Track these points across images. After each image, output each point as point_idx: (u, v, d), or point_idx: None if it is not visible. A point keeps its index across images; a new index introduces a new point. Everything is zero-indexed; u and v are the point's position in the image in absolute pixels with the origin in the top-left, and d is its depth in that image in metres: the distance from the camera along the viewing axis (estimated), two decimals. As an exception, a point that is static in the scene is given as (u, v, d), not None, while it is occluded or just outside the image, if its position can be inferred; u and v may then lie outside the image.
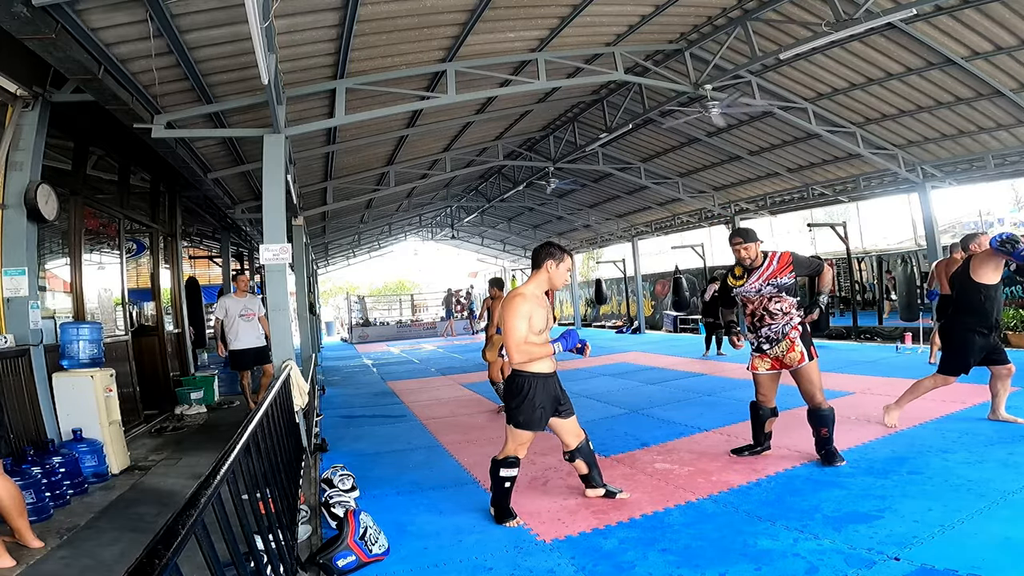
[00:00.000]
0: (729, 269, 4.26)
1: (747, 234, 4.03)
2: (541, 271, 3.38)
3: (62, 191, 5.19)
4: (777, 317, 3.97)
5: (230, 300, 6.91)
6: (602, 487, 3.66)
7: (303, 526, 3.32)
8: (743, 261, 4.02)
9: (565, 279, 3.44)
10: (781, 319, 3.97)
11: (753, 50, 6.61)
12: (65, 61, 3.64)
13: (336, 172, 10.03)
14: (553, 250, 3.37)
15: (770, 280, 3.96)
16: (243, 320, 6.75)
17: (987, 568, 2.42)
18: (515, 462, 3.36)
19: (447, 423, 6.32)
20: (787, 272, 3.93)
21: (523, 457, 3.41)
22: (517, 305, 3.22)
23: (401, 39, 5.53)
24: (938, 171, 9.57)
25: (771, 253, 4.02)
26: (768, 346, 4.03)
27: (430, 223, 22.05)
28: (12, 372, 4.19)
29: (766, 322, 4.01)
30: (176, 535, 1.22)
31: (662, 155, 12.22)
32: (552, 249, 3.38)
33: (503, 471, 3.34)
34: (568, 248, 3.67)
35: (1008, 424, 4.51)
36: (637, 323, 17.52)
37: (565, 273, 3.41)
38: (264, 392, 6.30)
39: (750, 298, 4.07)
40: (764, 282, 3.97)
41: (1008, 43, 6.47)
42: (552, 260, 3.35)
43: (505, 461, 3.35)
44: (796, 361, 3.94)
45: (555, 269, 3.36)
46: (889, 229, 16.96)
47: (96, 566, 3.00)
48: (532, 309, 3.22)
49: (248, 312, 6.82)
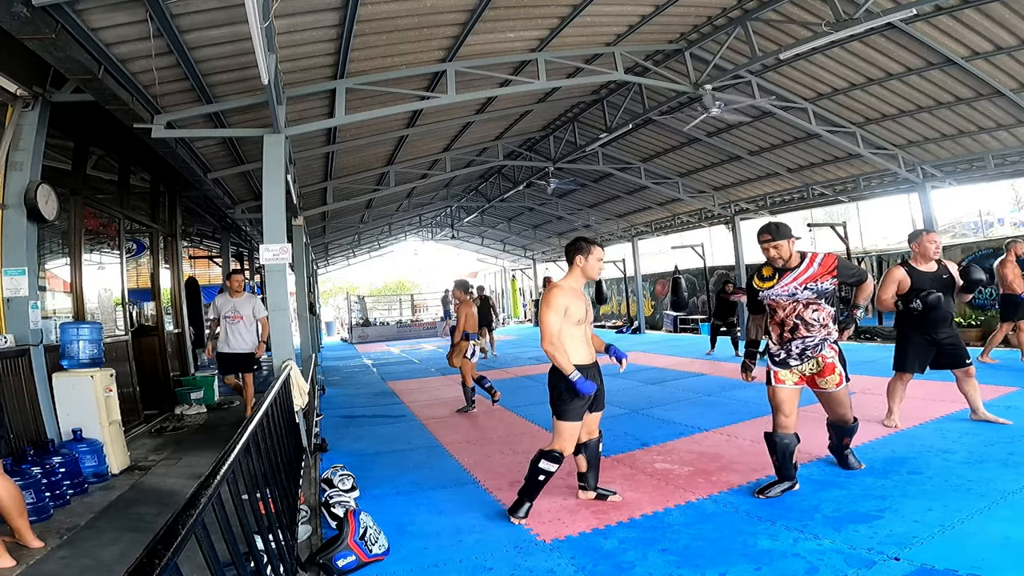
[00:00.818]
0: (756, 269, 3.72)
1: (778, 230, 3.46)
2: (574, 267, 3.51)
3: (62, 191, 5.19)
4: (813, 329, 3.44)
5: (220, 299, 6.59)
6: (594, 491, 3.64)
7: (303, 526, 3.32)
8: (774, 261, 3.50)
9: (598, 268, 3.53)
10: (818, 331, 3.45)
11: (753, 50, 6.61)
12: (65, 61, 3.64)
13: (336, 172, 10.03)
14: (580, 244, 3.50)
15: (808, 283, 3.41)
16: (228, 322, 6.37)
17: (987, 568, 2.42)
18: (559, 457, 3.35)
19: (447, 423, 6.32)
20: (830, 276, 3.42)
21: (568, 454, 3.40)
22: (553, 297, 3.36)
23: (401, 39, 5.53)
24: (938, 171, 9.57)
25: (811, 253, 3.52)
26: (797, 361, 3.50)
27: (430, 223, 22.05)
28: (12, 372, 4.19)
29: (799, 333, 3.46)
30: (176, 535, 1.22)
31: (662, 155, 12.22)
32: (580, 243, 3.51)
33: (543, 463, 3.34)
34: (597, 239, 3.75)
35: (1008, 424, 4.51)
36: (637, 323, 17.53)
37: (596, 263, 3.50)
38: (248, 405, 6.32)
39: (781, 303, 3.52)
40: (801, 285, 3.43)
41: (1008, 43, 6.47)
42: (580, 254, 3.48)
43: (550, 454, 3.35)
44: (834, 384, 3.53)
45: (585, 262, 3.48)
46: (889, 229, 16.94)
47: (96, 566, 3.00)
48: (568, 301, 3.36)
49: (235, 315, 6.39)
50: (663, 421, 5.69)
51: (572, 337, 3.39)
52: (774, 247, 3.45)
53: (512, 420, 6.27)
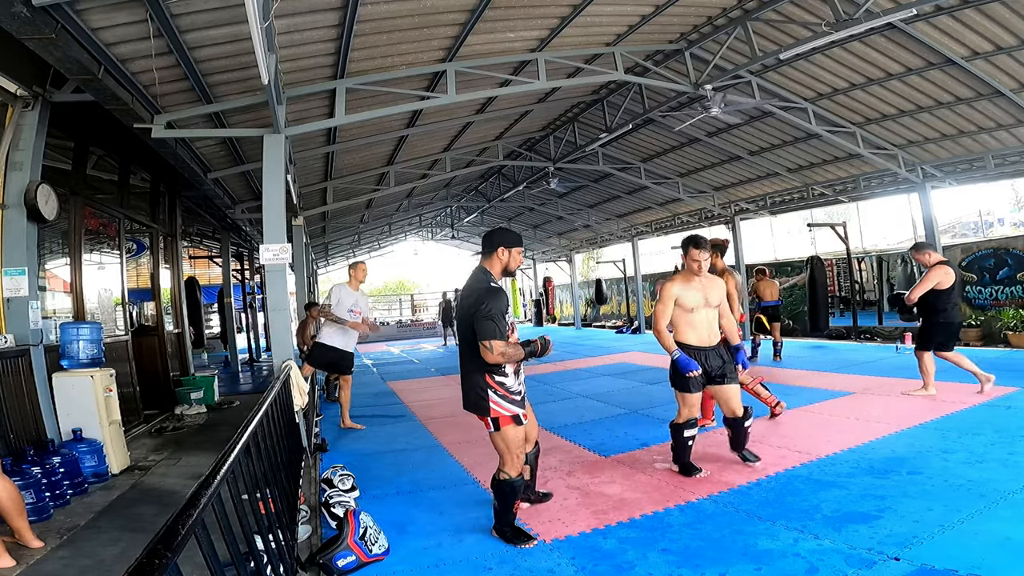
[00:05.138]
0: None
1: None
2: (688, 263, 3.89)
3: (62, 191, 5.19)
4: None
5: (344, 291, 6.08)
6: (741, 454, 4.08)
7: (303, 526, 3.32)
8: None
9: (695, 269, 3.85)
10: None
11: (753, 50, 6.60)
12: (65, 61, 3.64)
13: (336, 172, 10.03)
14: (682, 245, 3.89)
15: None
16: (352, 316, 6.02)
17: (987, 568, 2.42)
18: (694, 423, 3.92)
19: (447, 423, 6.32)
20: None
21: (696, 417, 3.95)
22: (663, 291, 3.91)
23: (401, 39, 5.53)
24: (938, 171, 9.57)
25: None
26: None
27: (430, 223, 22.04)
28: (12, 372, 4.19)
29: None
30: (176, 535, 1.22)
31: (662, 155, 12.22)
32: (684, 242, 3.88)
33: (686, 432, 3.88)
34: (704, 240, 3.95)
35: (1008, 424, 4.51)
36: (637, 323, 17.51)
37: (692, 263, 3.84)
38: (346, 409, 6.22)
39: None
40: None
41: (1008, 43, 6.46)
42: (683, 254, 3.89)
43: (686, 424, 3.89)
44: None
45: (685, 259, 3.88)
46: (889, 229, 16.94)
47: (96, 566, 3.00)
48: (680, 292, 3.87)
49: (357, 310, 6.07)
50: (663, 421, 5.66)
51: (686, 323, 3.89)
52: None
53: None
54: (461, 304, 3.12)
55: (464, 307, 3.03)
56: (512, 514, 3.11)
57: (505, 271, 3.17)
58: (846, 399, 5.92)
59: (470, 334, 2.97)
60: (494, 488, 3.10)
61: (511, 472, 3.05)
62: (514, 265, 3.17)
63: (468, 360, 3.06)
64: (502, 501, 3.08)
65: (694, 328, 3.89)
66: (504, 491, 3.05)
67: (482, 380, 2.99)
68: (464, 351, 3.09)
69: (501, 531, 3.12)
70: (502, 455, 3.08)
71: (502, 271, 3.17)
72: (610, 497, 3.67)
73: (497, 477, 3.08)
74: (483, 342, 2.85)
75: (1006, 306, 9.57)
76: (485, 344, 2.84)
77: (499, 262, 3.14)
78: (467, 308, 2.98)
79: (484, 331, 2.83)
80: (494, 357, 2.84)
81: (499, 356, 2.85)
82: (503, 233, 3.19)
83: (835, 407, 5.60)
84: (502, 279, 3.23)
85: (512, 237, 3.18)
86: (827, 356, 9.19)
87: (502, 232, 3.19)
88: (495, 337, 2.84)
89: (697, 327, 3.89)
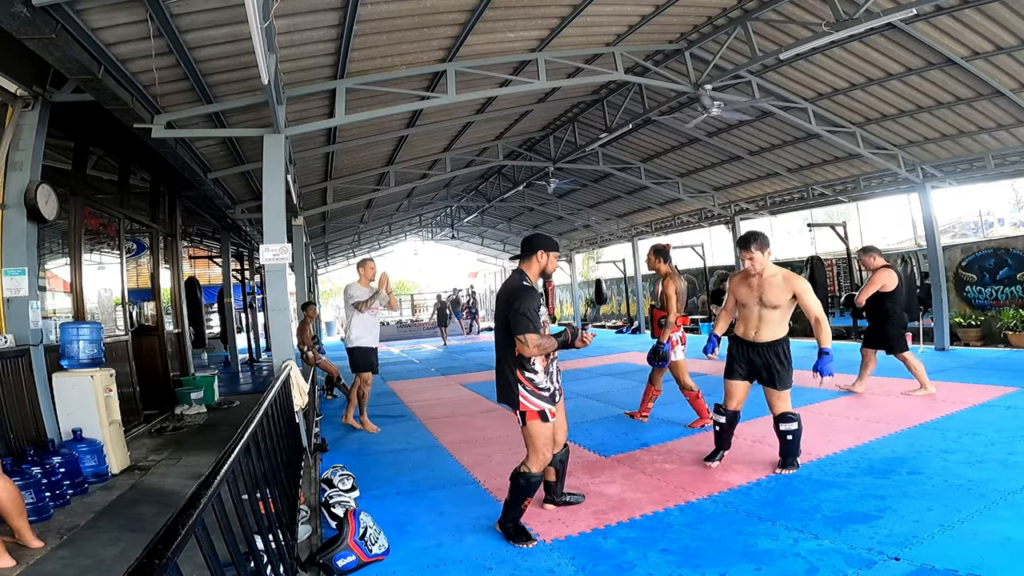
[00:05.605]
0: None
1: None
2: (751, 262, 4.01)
3: (62, 191, 5.19)
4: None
5: (359, 289, 6.05)
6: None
7: (303, 526, 3.32)
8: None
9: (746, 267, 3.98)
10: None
11: (753, 50, 6.60)
12: (65, 61, 3.64)
13: (336, 172, 10.03)
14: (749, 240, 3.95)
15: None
16: (370, 314, 6.03)
17: (987, 568, 2.42)
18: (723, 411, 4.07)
19: (447, 423, 6.32)
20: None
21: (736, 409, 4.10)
22: (730, 282, 4.26)
23: (401, 39, 5.53)
24: (938, 171, 9.56)
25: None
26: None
27: (430, 223, 22.04)
28: (12, 372, 4.19)
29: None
30: (176, 535, 1.22)
31: (662, 155, 12.21)
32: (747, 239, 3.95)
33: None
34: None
35: (1008, 424, 4.51)
36: (637, 323, 17.51)
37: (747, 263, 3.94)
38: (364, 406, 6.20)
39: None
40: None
41: (1008, 43, 6.46)
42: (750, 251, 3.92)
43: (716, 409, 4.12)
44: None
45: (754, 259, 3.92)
46: (889, 229, 16.94)
47: (96, 566, 3.00)
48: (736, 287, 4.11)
49: (375, 305, 6.06)
50: (663, 421, 5.69)
51: (740, 316, 4.11)
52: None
53: (512, 420, 6.25)
54: (497, 304, 3.27)
55: (500, 306, 3.18)
56: (520, 510, 3.15)
57: (542, 273, 3.34)
58: (846, 399, 5.92)
59: (504, 331, 3.12)
60: (511, 480, 3.16)
61: (533, 467, 3.12)
62: (551, 268, 3.35)
63: (502, 355, 3.20)
64: (514, 494, 3.13)
65: (743, 321, 4.08)
66: (519, 483, 3.10)
67: (513, 375, 3.12)
68: (498, 346, 3.23)
69: (504, 525, 3.17)
70: (527, 449, 3.18)
71: (539, 273, 3.33)
72: (610, 497, 3.67)
73: (517, 469, 3.15)
74: (518, 336, 2.99)
75: (1006, 306, 9.58)
76: (520, 338, 2.98)
77: (537, 265, 3.30)
78: (503, 307, 3.12)
79: (519, 326, 2.99)
80: (530, 350, 2.99)
81: (534, 348, 2.99)
82: (543, 238, 3.36)
83: (835, 407, 5.61)
84: (538, 281, 3.37)
85: (551, 242, 3.36)
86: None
87: (542, 237, 3.37)
88: (529, 331, 2.98)
89: (746, 321, 4.05)
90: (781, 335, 3.94)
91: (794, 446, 3.89)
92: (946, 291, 9.62)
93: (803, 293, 3.82)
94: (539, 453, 3.12)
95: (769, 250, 3.89)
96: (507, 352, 3.13)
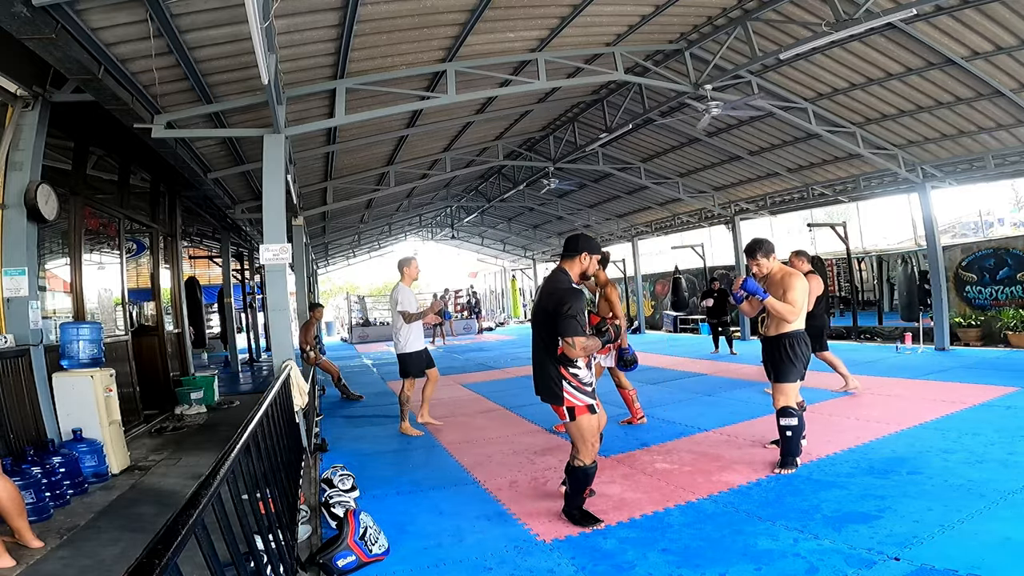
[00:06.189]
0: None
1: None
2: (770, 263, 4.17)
3: (62, 191, 5.19)
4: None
5: (407, 292, 5.84)
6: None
7: (303, 526, 3.32)
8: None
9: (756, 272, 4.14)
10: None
11: (753, 50, 6.60)
12: (65, 61, 3.64)
13: (336, 172, 10.03)
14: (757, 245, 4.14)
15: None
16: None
17: (987, 568, 2.42)
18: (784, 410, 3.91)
19: (447, 423, 6.32)
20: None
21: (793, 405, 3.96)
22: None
23: (401, 39, 5.53)
24: (938, 171, 9.56)
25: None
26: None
27: (430, 223, 22.04)
28: (12, 372, 4.18)
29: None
30: (176, 535, 1.22)
31: (662, 155, 12.21)
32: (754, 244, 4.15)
33: (783, 420, 3.88)
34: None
35: (1008, 424, 4.51)
36: (637, 323, 17.52)
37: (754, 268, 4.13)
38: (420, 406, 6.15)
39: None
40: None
41: (1008, 43, 6.46)
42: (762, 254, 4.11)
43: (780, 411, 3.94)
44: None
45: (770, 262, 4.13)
46: (889, 229, 16.94)
47: (96, 566, 3.00)
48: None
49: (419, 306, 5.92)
50: (663, 421, 5.69)
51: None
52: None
53: (512, 420, 6.28)
54: (539, 303, 3.31)
55: (544, 306, 3.22)
56: (582, 498, 3.33)
57: (583, 275, 3.37)
58: (846, 399, 5.92)
59: (546, 330, 3.18)
60: (569, 473, 3.28)
61: (585, 459, 3.22)
62: (591, 271, 3.38)
63: (543, 353, 3.24)
64: (574, 486, 3.28)
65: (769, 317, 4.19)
66: (578, 476, 3.24)
67: (556, 371, 3.17)
68: (538, 344, 3.28)
69: (570, 513, 3.31)
70: (576, 443, 3.24)
71: (580, 274, 3.35)
72: (610, 497, 3.67)
73: (572, 464, 3.27)
74: (566, 339, 3.04)
75: (1006, 306, 9.58)
76: (568, 341, 3.03)
77: (580, 266, 3.32)
78: (549, 307, 3.16)
79: (567, 329, 3.03)
80: (576, 352, 3.04)
81: (580, 351, 3.05)
82: (588, 240, 3.38)
83: (835, 407, 5.61)
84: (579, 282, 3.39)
85: (595, 245, 3.39)
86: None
87: (587, 239, 3.39)
88: (578, 334, 3.03)
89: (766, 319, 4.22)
90: (786, 329, 4.02)
91: (794, 443, 3.90)
92: (946, 291, 9.62)
93: (788, 290, 3.97)
94: (589, 445, 3.21)
95: (774, 255, 4.17)
96: (549, 349, 3.17)
